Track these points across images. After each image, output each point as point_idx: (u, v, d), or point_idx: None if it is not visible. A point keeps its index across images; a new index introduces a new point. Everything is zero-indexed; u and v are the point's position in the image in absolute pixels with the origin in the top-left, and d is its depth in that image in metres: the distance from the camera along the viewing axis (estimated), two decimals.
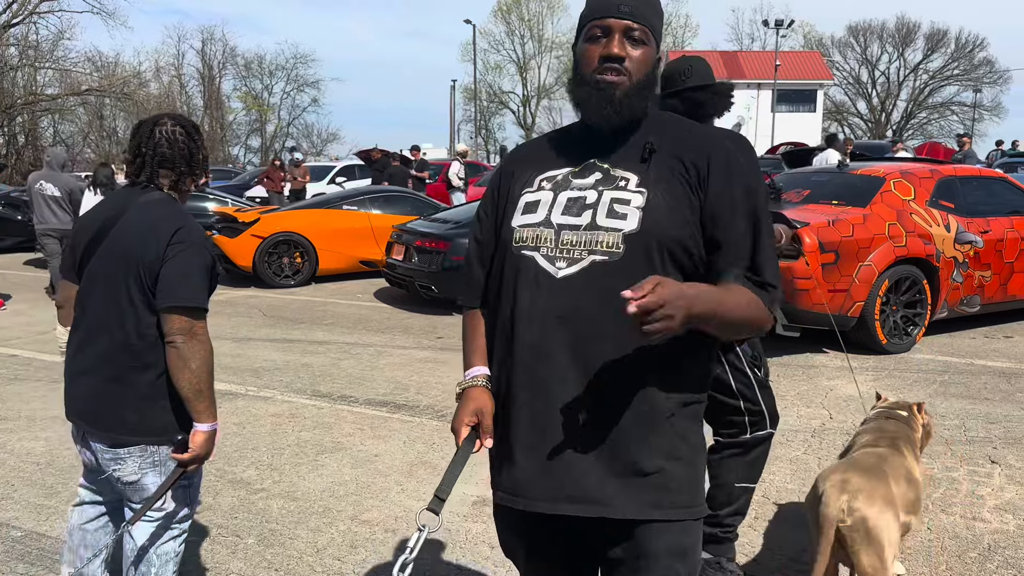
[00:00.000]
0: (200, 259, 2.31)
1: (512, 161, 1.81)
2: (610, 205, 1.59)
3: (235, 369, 6.23)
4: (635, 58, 1.61)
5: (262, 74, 55.07)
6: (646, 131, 1.66)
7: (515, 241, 1.66)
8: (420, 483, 4.07)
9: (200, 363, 2.28)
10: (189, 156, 2.44)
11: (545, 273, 1.60)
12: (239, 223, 10.45)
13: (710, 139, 1.65)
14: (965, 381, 5.80)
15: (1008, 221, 7.11)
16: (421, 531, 1.62)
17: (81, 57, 37.23)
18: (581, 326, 1.56)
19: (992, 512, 3.68)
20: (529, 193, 1.69)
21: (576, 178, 1.66)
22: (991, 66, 54.04)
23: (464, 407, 1.69)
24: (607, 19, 1.60)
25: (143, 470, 2.35)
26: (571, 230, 1.60)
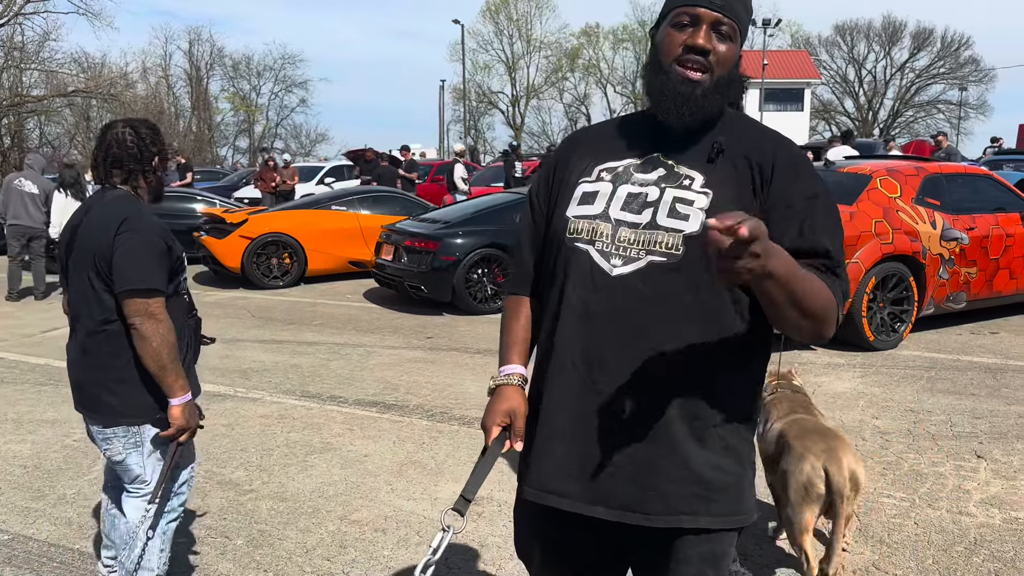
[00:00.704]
0: (147, 244, 2.44)
1: (570, 146, 1.73)
2: (672, 204, 1.53)
3: (224, 370, 6.21)
4: (721, 53, 1.52)
5: (250, 75, 54.86)
6: (717, 130, 1.59)
7: (569, 232, 1.59)
8: (410, 483, 4.07)
9: (160, 341, 2.40)
10: (138, 154, 2.55)
11: (599, 270, 1.54)
12: (227, 224, 10.41)
13: (776, 141, 1.59)
14: (952, 377, 5.84)
15: (993, 218, 7.17)
16: (446, 532, 1.57)
17: (67, 58, 36.95)
18: (634, 327, 1.52)
19: (978, 506, 3.71)
20: (587, 183, 1.62)
21: (638, 172, 1.59)
22: (976, 64, 54.41)
23: (497, 405, 1.64)
24: (698, 8, 1.51)
25: (126, 450, 2.53)
26: (629, 227, 1.54)
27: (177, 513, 2.66)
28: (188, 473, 2.69)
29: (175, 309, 2.58)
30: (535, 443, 1.63)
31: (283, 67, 54.78)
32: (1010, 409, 5.09)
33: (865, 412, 5.07)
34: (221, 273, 10.63)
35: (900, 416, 4.99)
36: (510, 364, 1.69)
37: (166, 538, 2.63)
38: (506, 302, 1.79)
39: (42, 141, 39.09)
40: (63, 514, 3.76)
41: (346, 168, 20.13)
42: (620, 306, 1.52)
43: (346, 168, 20.13)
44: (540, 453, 1.61)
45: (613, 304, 1.53)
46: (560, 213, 1.63)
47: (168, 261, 2.48)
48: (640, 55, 59.15)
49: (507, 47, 58.69)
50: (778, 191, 1.52)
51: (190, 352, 2.74)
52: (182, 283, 2.64)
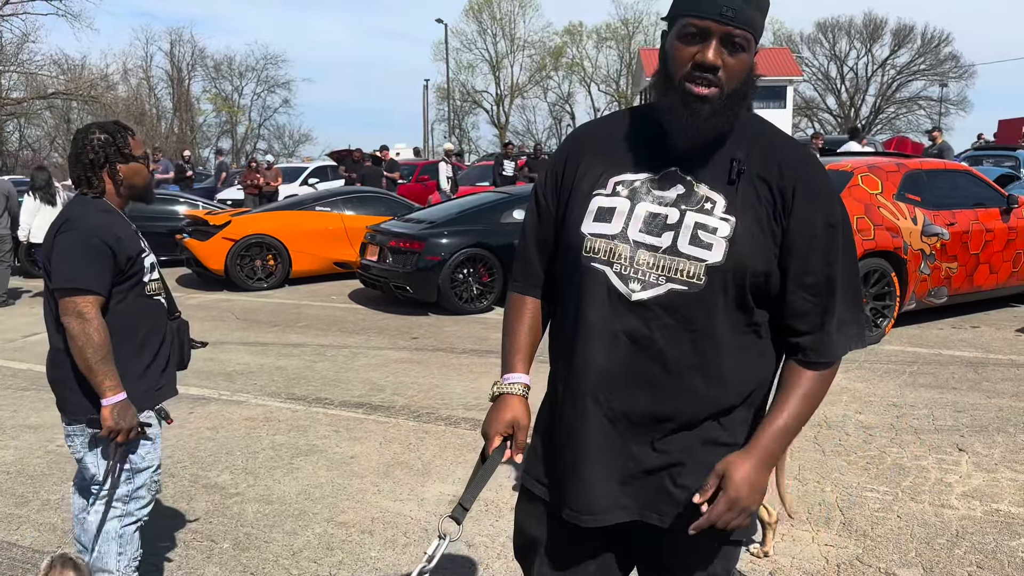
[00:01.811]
0: (81, 243, 2.45)
1: (579, 144, 1.65)
2: (694, 231, 1.49)
3: (208, 373, 6.18)
4: (731, 67, 1.45)
5: (232, 75, 54.52)
6: (733, 141, 1.53)
7: (586, 250, 1.55)
8: (396, 484, 4.07)
9: (85, 340, 2.41)
10: (102, 155, 2.56)
11: (617, 293, 1.51)
12: (210, 226, 10.35)
13: (797, 157, 1.54)
14: (933, 371, 5.90)
15: (973, 213, 7.24)
16: (442, 540, 1.57)
17: (47, 60, 36.60)
18: (652, 354, 1.51)
19: (960, 499, 3.75)
20: (602, 196, 1.56)
21: (656, 188, 1.54)
22: (956, 61, 54.87)
23: (499, 415, 1.63)
24: (706, 20, 1.43)
25: (83, 448, 2.57)
26: (649, 250, 1.51)
27: (136, 517, 2.63)
28: (147, 476, 2.64)
29: (142, 312, 2.58)
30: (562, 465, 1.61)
31: (265, 67, 54.51)
32: (990, 402, 5.14)
33: (848, 407, 5.12)
34: (204, 275, 10.57)
35: (883, 411, 5.03)
36: (514, 372, 1.67)
37: (123, 541, 2.61)
38: (511, 300, 1.74)
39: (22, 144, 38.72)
40: (47, 520, 3.74)
41: (330, 168, 20.06)
42: (639, 332, 1.51)
43: (330, 168, 20.06)
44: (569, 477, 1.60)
45: (633, 329, 1.51)
46: (573, 226, 1.58)
47: (111, 262, 2.47)
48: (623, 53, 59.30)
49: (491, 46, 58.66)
50: (800, 219, 1.49)
51: (172, 355, 2.74)
52: (147, 284, 2.61)
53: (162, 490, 2.79)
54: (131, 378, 2.54)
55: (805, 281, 1.49)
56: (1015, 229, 7.42)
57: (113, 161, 2.57)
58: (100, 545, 2.58)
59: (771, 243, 1.49)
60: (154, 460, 2.66)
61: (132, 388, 2.53)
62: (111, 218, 2.55)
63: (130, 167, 2.60)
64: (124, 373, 2.51)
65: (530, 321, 1.71)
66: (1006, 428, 4.67)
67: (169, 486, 4.05)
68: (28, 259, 11.24)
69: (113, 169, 2.58)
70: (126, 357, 2.53)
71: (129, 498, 2.61)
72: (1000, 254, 7.36)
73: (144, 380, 2.59)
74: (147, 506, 2.67)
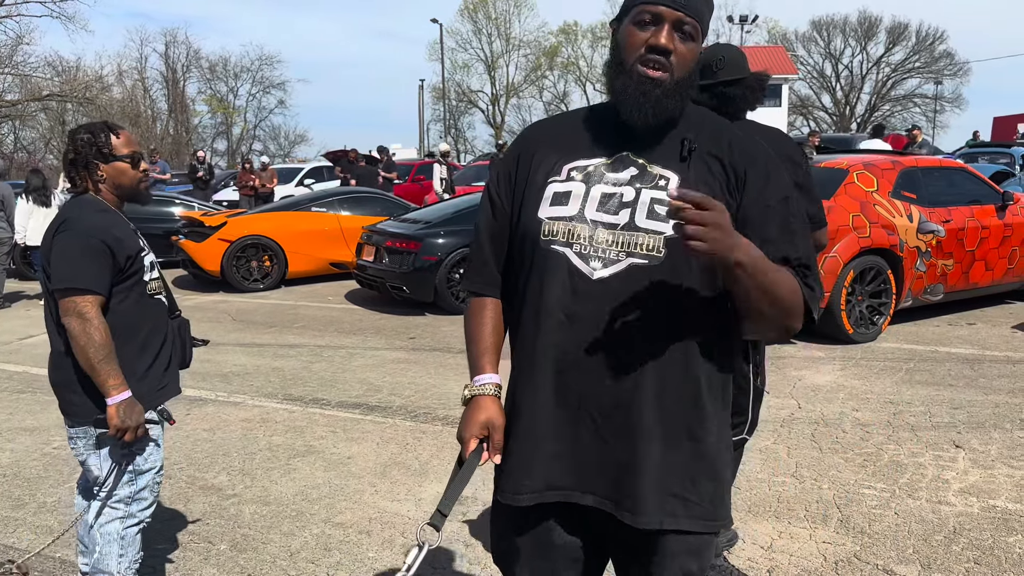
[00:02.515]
0: (80, 243, 2.45)
1: (531, 141, 1.68)
2: (651, 206, 1.52)
3: (204, 375, 6.17)
4: (681, 53, 1.51)
5: (227, 76, 54.43)
6: (683, 127, 1.58)
7: (544, 234, 1.56)
8: (394, 484, 4.06)
9: (87, 340, 2.40)
10: (91, 156, 2.56)
11: (579, 273, 1.53)
12: (205, 227, 10.34)
13: (746, 139, 1.60)
14: (930, 368, 5.91)
15: (968, 210, 7.25)
16: (421, 547, 1.55)
17: (41, 62, 36.58)
18: (616, 330, 1.51)
19: (957, 495, 3.76)
20: (557, 182, 1.59)
21: (609, 171, 1.57)
22: (951, 58, 55.00)
23: (473, 417, 1.62)
24: (659, 7, 1.49)
25: (86, 451, 2.56)
26: (607, 228, 1.53)
27: (138, 519, 2.62)
28: (149, 478, 2.64)
29: (143, 312, 2.58)
30: (521, 451, 1.60)
31: (260, 68, 54.45)
32: (987, 399, 5.15)
33: (845, 404, 5.12)
34: (200, 277, 10.56)
35: (880, 408, 5.04)
36: (484, 373, 1.66)
37: (125, 543, 2.60)
38: (470, 303, 1.74)
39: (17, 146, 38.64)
40: (44, 522, 3.73)
41: (326, 169, 20.04)
42: (602, 309, 1.51)
43: (326, 169, 20.04)
44: (528, 459, 1.59)
45: (595, 308, 1.52)
46: (531, 214, 1.60)
47: (110, 261, 2.47)
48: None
49: (486, 46, 58.65)
50: (754, 192, 1.54)
51: (174, 354, 2.73)
52: (148, 283, 2.61)
53: (160, 492, 2.77)
54: (134, 378, 2.53)
55: (765, 251, 1.48)
56: (1011, 226, 7.43)
57: (93, 160, 2.55)
58: (102, 547, 2.58)
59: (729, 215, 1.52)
60: (156, 462, 2.66)
61: (135, 388, 2.52)
62: (108, 217, 2.55)
63: (113, 167, 2.57)
64: (127, 373, 2.50)
65: (492, 321, 1.70)
66: (1003, 425, 4.68)
67: (166, 488, 4.04)
68: (24, 262, 11.21)
69: (92, 168, 2.56)
70: (128, 357, 2.53)
71: (131, 500, 2.60)
72: (996, 251, 7.38)
73: (147, 380, 2.58)
74: (149, 508, 2.66)
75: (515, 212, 1.65)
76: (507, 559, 1.72)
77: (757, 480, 3.97)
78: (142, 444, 2.59)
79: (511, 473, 1.62)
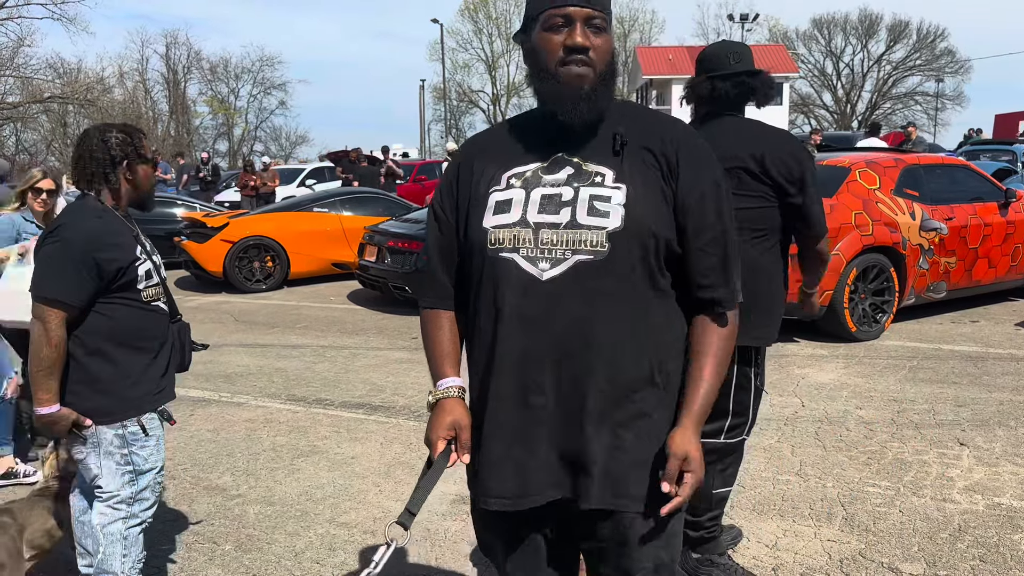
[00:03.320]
0: (64, 253, 2.44)
1: (470, 153, 1.73)
2: (590, 203, 1.56)
3: (208, 375, 6.17)
4: (599, 47, 1.57)
5: (228, 77, 54.42)
6: (611, 121, 1.62)
7: (490, 243, 1.60)
8: (398, 484, 4.07)
9: (36, 349, 2.43)
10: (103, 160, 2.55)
11: (528, 275, 1.56)
12: (208, 228, 10.34)
13: (676, 128, 1.65)
14: (933, 366, 5.90)
15: (971, 208, 7.24)
16: (389, 545, 1.58)
17: (42, 64, 36.61)
18: (568, 327, 1.56)
19: (962, 493, 3.75)
20: (498, 192, 1.63)
21: (546, 174, 1.61)
22: (952, 56, 54.98)
23: (439, 419, 1.65)
24: (567, 7, 1.54)
25: (88, 449, 2.55)
26: (550, 228, 1.56)
27: (141, 519, 2.64)
28: (150, 478, 2.65)
29: (142, 320, 2.58)
30: (487, 456, 1.63)
31: (261, 69, 54.42)
32: (991, 396, 5.14)
33: (849, 402, 5.12)
34: (203, 278, 10.56)
35: (883, 406, 5.04)
36: (446, 377, 1.70)
37: (128, 543, 2.61)
38: (423, 316, 1.78)
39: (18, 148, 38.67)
40: None
41: (327, 170, 20.05)
42: (554, 308, 1.56)
43: (327, 170, 20.05)
44: (495, 464, 1.62)
45: (547, 306, 1.56)
46: (475, 225, 1.63)
47: (94, 274, 2.44)
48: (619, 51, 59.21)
49: (487, 46, 58.69)
50: (687, 180, 1.59)
51: (173, 358, 2.73)
52: (143, 291, 2.58)
53: (164, 492, 2.78)
54: (128, 382, 2.54)
55: (704, 236, 1.59)
56: (1013, 223, 7.42)
57: (132, 160, 2.58)
58: (105, 547, 2.59)
59: (664, 204, 1.58)
60: (157, 462, 2.67)
61: (129, 392, 2.54)
62: (105, 224, 2.51)
63: (144, 169, 2.62)
64: (121, 376, 2.53)
65: (449, 330, 1.74)
66: (1007, 422, 4.67)
67: (170, 488, 4.04)
68: None
69: (133, 168, 2.58)
70: (123, 361, 2.54)
71: (133, 500, 2.62)
72: (998, 248, 7.37)
73: (141, 384, 2.58)
74: (151, 508, 2.68)
75: (460, 225, 1.69)
76: (490, 550, 1.79)
77: (761, 478, 3.97)
78: (147, 443, 2.60)
79: (479, 477, 1.66)
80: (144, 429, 2.58)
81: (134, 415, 2.56)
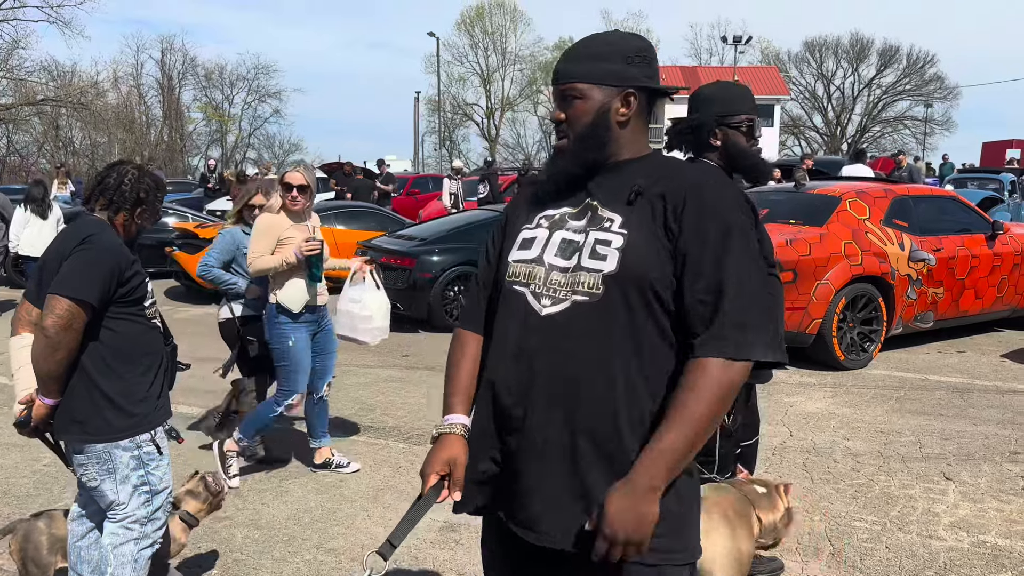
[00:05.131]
0: (96, 260, 2.49)
1: (521, 195, 1.86)
2: (593, 246, 1.63)
3: (197, 391, 6.14)
4: (571, 116, 1.69)
5: (223, 84, 54.31)
6: (638, 172, 1.68)
7: (508, 276, 1.71)
8: (386, 509, 4.06)
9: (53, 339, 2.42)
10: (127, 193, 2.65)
11: (531, 310, 1.65)
12: (199, 239, 10.31)
13: (694, 175, 1.66)
14: (920, 397, 5.95)
15: (959, 239, 7.32)
16: (366, 572, 1.60)
17: (36, 66, 36.45)
18: (558, 363, 1.60)
19: (947, 530, 3.78)
20: (528, 229, 1.74)
21: (572, 219, 1.70)
22: (941, 82, 55.46)
23: (436, 454, 1.70)
24: (550, 87, 1.75)
25: (100, 476, 2.56)
26: (560, 271, 1.65)
27: (152, 539, 2.66)
28: (164, 497, 2.69)
29: (143, 336, 2.63)
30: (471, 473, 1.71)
31: (256, 77, 54.31)
32: (977, 430, 5.19)
33: (836, 433, 5.15)
34: (193, 288, 10.52)
35: (871, 437, 5.07)
36: (453, 414, 1.75)
37: (138, 565, 2.62)
38: (455, 334, 1.86)
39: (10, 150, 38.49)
40: None
41: (320, 181, 20.02)
42: (547, 344, 1.62)
43: (320, 181, 20.02)
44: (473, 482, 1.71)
45: (540, 341, 1.62)
46: (504, 258, 1.76)
47: (115, 285, 2.53)
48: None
49: (482, 59, 58.81)
50: (689, 227, 1.58)
51: (166, 379, 2.76)
52: (148, 308, 2.66)
53: None
54: (136, 399, 2.58)
55: (698, 284, 1.56)
56: (1000, 255, 7.50)
57: (147, 208, 2.70)
58: (115, 569, 2.58)
59: (663, 250, 1.59)
60: (169, 481, 2.71)
61: (139, 408, 2.58)
62: (121, 243, 2.64)
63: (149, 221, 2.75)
64: (130, 393, 2.57)
65: (471, 360, 1.80)
66: (992, 457, 4.71)
67: None
68: (15, 270, 11.16)
69: (143, 215, 2.70)
70: (131, 380, 2.58)
71: (147, 520, 2.65)
72: (985, 279, 7.44)
73: (148, 401, 2.63)
74: (162, 528, 2.71)
75: (499, 258, 1.80)
76: (484, 567, 1.87)
77: None
78: (159, 463, 2.63)
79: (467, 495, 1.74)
80: (158, 447, 2.63)
81: (145, 431, 2.60)
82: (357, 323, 4.49)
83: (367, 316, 4.48)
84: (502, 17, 57.91)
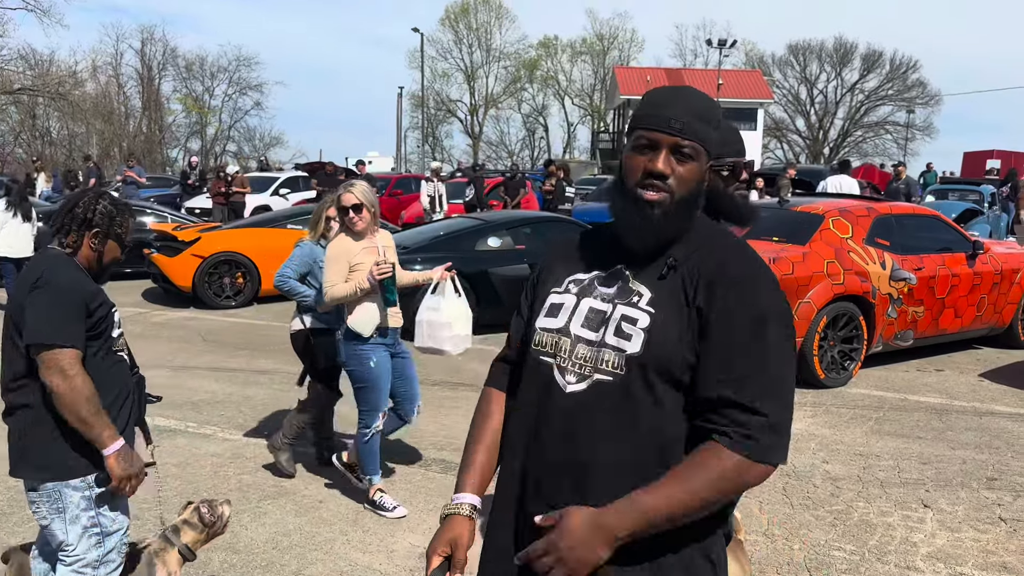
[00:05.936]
0: (57, 299, 2.45)
1: (557, 252, 1.76)
2: (619, 322, 1.55)
3: (175, 403, 6.07)
4: (680, 175, 1.53)
5: (203, 76, 53.89)
6: (680, 244, 1.58)
7: (535, 344, 1.65)
8: (366, 533, 4.02)
9: (74, 396, 2.39)
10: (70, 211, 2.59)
11: (556, 386, 1.59)
12: (179, 242, 10.20)
13: (731, 261, 1.55)
14: (899, 418, 5.99)
15: (940, 258, 7.38)
16: None
17: (14, 55, 35.91)
18: (577, 443, 1.55)
19: (925, 560, 3.80)
20: (556, 294, 1.67)
21: (601, 285, 1.62)
22: (923, 87, 56.15)
23: (440, 534, 1.65)
24: (655, 133, 1.52)
25: (51, 515, 2.51)
26: (586, 344, 1.58)
27: None
28: (117, 539, 2.62)
29: (110, 369, 2.57)
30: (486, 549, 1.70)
31: (238, 69, 53.95)
32: (954, 454, 5.23)
33: (816, 455, 5.17)
34: (171, 291, 10.40)
35: (849, 460, 5.10)
36: (463, 492, 1.69)
37: None
38: (483, 393, 1.82)
39: None
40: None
41: (302, 179, 19.88)
42: (568, 422, 1.57)
43: (302, 179, 19.88)
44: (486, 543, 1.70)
45: (562, 419, 1.58)
46: (532, 322, 1.69)
47: (85, 318, 2.48)
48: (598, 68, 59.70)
49: (466, 56, 58.78)
50: (722, 312, 1.50)
51: (134, 411, 2.70)
52: (115, 341, 2.62)
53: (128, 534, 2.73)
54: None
55: (730, 374, 1.46)
56: (980, 274, 7.57)
57: (104, 232, 2.61)
58: None
59: (690, 335, 1.50)
60: (124, 523, 2.64)
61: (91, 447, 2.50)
62: (82, 276, 2.57)
63: (111, 245, 2.64)
64: None
65: (491, 433, 1.74)
66: (969, 483, 4.75)
67: (134, 528, 3.93)
68: None
69: (101, 239, 2.61)
70: None
71: (99, 563, 2.58)
72: (965, 298, 7.51)
73: None
74: (116, 570, 2.64)
75: (528, 322, 1.74)
76: None
77: None
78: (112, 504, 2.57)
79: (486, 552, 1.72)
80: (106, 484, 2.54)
81: (99, 470, 2.52)
82: (436, 331, 4.39)
83: (446, 323, 4.38)
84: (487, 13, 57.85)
